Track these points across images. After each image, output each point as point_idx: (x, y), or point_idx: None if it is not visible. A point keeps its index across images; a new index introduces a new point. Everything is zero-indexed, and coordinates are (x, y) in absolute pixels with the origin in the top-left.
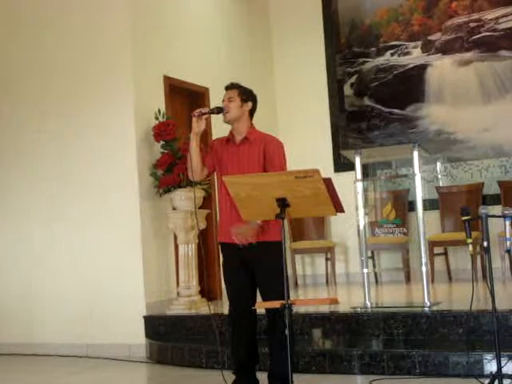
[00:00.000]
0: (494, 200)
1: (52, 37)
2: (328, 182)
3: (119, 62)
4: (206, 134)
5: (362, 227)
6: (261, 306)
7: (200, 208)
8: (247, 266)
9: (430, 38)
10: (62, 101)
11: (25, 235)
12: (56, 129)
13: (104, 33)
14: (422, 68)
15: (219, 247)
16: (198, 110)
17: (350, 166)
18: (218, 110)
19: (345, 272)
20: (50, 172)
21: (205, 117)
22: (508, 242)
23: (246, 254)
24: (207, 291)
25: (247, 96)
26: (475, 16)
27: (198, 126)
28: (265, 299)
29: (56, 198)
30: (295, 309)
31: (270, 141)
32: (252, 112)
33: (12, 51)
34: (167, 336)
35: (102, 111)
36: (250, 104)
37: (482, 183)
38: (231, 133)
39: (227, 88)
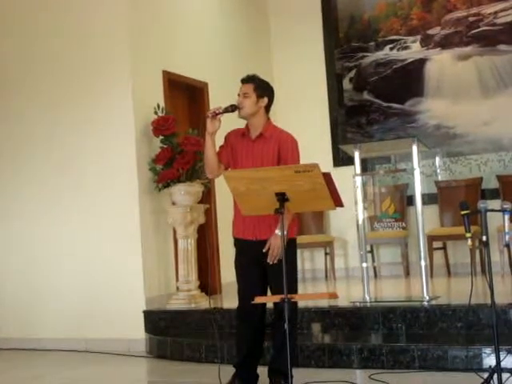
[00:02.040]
0: (492, 194)
1: (49, 31)
2: (327, 177)
3: (118, 56)
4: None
5: (361, 222)
6: (260, 301)
7: (199, 203)
8: (259, 263)
9: (429, 32)
10: (60, 95)
11: (24, 230)
12: (54, 123)
13: (102, 27)
14: (421, 62)
15: (233, 242)
16: (211, 111)
17: (349, 161)
18: (233, 108)
19: (344, 266)
20: (49, 166)
21: (219, 116)
22: (507, 236)
23: (258, 251)
24: (207, 286)
25: (263, 91)
26: (474, 10)
27: (212, 125)
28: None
29: (55, 193)
30: None
31: (286, 139)
32: (268, 106)
33: (7, 46)
34: (167, 330)
35: (101, 106)
36: (265, 99)
37: (481, 177)
38: (247, 127)
39: (243, 81)
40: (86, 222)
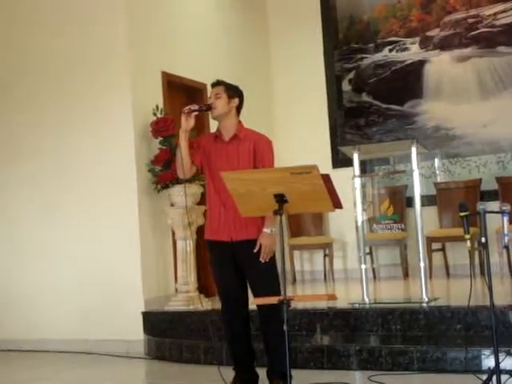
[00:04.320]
0: (491, 196)
1: (47, 32)
2: (326, 178)
3: (117, 57)
4: (202, 129)
5: (360, 223)
6: (259, 302)
7: (198, 204)
8: (237, 264)
9: (428, 33)
10: (58, 96)
11: (23, 231)
12: (53, 124)
13: (101, 29)
14: (420, 64)
15: (207, 245)
16: (187, 107)
17: (348, 162)
18: (207, 107)
19: (343, 268)
20: (48, 168)
21: (194, 114)
22: (506, 238)
23: (235, 252)
24: (206, 287)
25: (233, 92)
26: (473, 12)
27: (186, 123)
28: (256, 297)
29: (54, 194)
30: (294, 304)
31: (260, 139)
32: (239, 108)
33: (6, 49)
34: (165, 332)
35: (100, 107)
36: (236, 100)
37: (480, 179)
38: (218, 130)
39: (213, 85)
40: (85, 223)
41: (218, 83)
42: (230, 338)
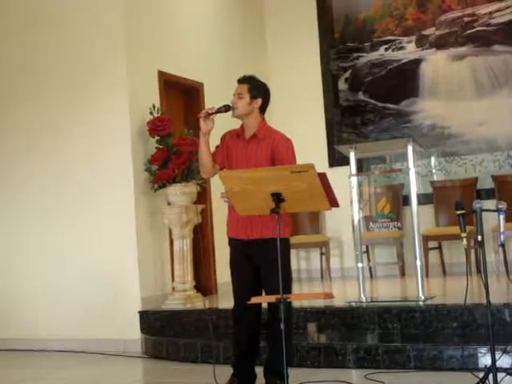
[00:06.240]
0: (488, 194)
1: (44, 31)
2: (323, 177)
3: (113, 56)
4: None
5: (356, 222)
6: (256, 301)
7: (195, 203)
8: (252, 262)
9: (423, 32)
10: (55, 95)
11: (21, 231)
12: (50, 124)
13: (97, 28)
14: (416, 63)
15: (228, 241)
16: (204, 111)
17: (345, 161)
18: (226, 108)
19: (339, 267)
20: (44, 167)
21: (212, 116)
22: (502, 236)
23: (250, 250)
24: (203, 286)
25: (257, 92)
26: (469, 11)
27: (205, 126)
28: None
29: (51, 194)
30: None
31: (279, 139)
32: (263, 107)
33: (2, 49)
34: (162, 331)
35: (97, 106)
36: (259, 101)
37: (476, 178)
38: (242, 127)
39: (239, 81)
40: (82, 222)
41: (243, 81)
42: (235, 335)
